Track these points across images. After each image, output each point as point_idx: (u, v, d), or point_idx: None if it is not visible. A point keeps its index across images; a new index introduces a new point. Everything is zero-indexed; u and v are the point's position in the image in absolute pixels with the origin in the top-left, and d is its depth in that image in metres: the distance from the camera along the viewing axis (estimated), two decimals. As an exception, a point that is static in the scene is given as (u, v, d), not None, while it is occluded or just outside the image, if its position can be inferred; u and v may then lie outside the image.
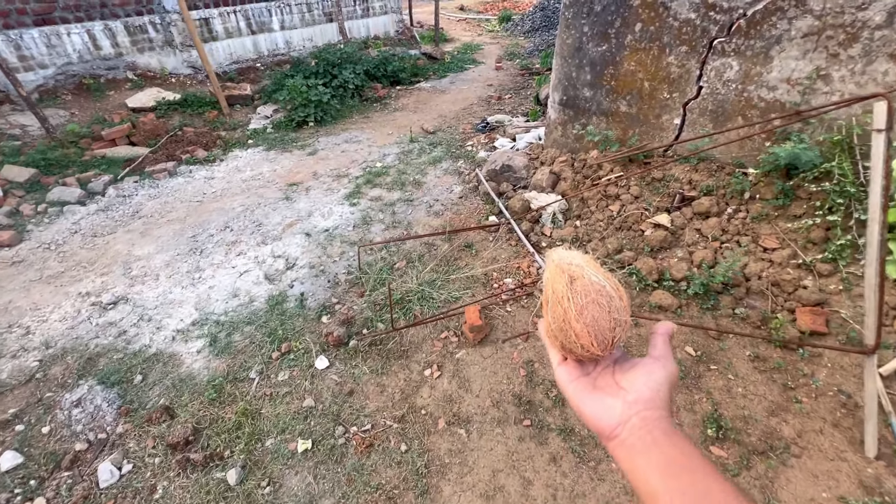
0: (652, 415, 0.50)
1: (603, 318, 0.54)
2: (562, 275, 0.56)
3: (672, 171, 3.49)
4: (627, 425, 0.50)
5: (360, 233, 3.69)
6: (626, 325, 0.55)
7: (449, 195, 4.22)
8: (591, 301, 0.54)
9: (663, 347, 0.57)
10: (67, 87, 6.36)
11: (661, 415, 0.50)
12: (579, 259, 0.58)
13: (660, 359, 0.56)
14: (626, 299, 0.56)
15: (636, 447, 0.49)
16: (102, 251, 3.55)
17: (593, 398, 0.55)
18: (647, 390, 0.52)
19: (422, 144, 5.47)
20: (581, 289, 0.54)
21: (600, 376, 0.58)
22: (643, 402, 0.51)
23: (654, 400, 0.51)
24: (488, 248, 3.36)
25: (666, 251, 3.15)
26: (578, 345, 0.55)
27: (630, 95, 3.57)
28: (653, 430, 0.49)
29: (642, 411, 0.50)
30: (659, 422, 0.49)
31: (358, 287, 3.09)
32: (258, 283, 3.18)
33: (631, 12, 3.29)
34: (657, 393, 0.52)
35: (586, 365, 0.60)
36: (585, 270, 0.56)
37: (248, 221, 3.86)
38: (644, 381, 0.53)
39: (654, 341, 0.58)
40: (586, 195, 3.63)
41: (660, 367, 0.54)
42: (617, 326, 0.54)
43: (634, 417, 0.50)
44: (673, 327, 0.60)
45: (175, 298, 3.06)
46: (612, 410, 0.52)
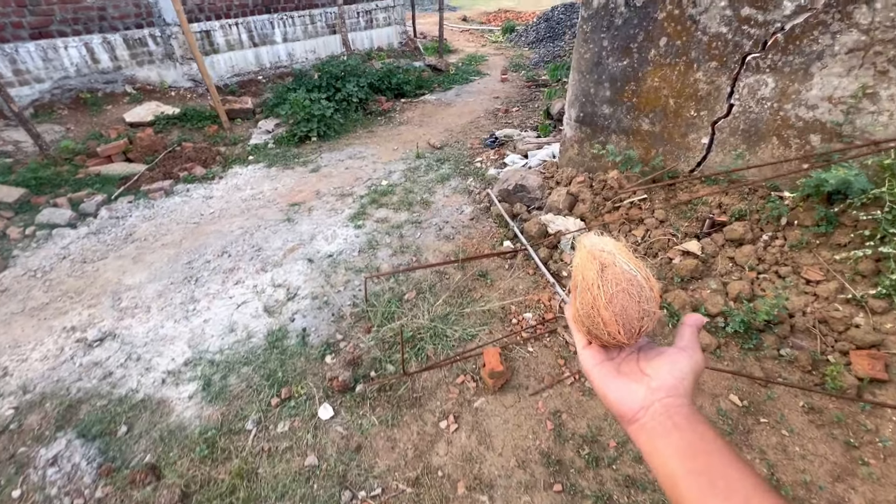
0: (674, 402, 0.50)
1: (632, 308, 0.53)
2: (593, 261, 0.56)
3: (699, 194, 3.27)
4: (650, 410, 0.51)
5: (366, 258, 3.46)
6: (654, 315, 0.54)
7: (459, 216, 4.00)
8: (621, 290, 0.53)
9: (690, 338, 0.57)
10: (64, 102, 6.19)
11: (684, 402, 0.50)
12: (611, 246, 0.57)
13: (686, 349, 0.55)
14: (657, 290, 0.55)
15: (657, 430, 0.49)
16: (91, 280, 3.32)
17: (617, 382, 0.55)
18: (671, 378, 0.52)
19: (428, 161, 5.26)
20: (612, 277, 0.54)
21: (624, 362, 0.58)
22: (666, 389, 0.51)
23: (678, 388, 0.51)
24: (504, 278, 3.13)
25: (697, 281, 2.91)
26: (605, 332, 0.55)
27: (653, 113, 3.36)
28: (674, 415, 0.49)
29: (665, 398, 0.50)
30: (681, 408, 0.49)
31: (364, 321, 2.86)
32: (257, 315, 2.95)
33: (655, 26, 3.09)
34: (681, 381, 0.52)
35: (611, 350, 0.60)
36: (617, 258, 0.55)
37: (246, 246, 3.64)
38: (668, 370, 0.53)
39: (681, 332, 0.58)
40: (607, 219, 3.40)
41: (686, 357, 0.54)
42: (645, 316, 0.54)
43: (657, 403, 0.50)
44: (702, 320, 0.60)
45: (167, 334, 2.83)
46: (635, 395, 0.53)
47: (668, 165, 3.44)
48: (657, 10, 3.04)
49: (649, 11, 3.08)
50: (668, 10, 3.00)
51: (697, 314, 0.60)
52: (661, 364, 0.54)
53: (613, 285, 0.53)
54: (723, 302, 2.67)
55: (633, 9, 3.14)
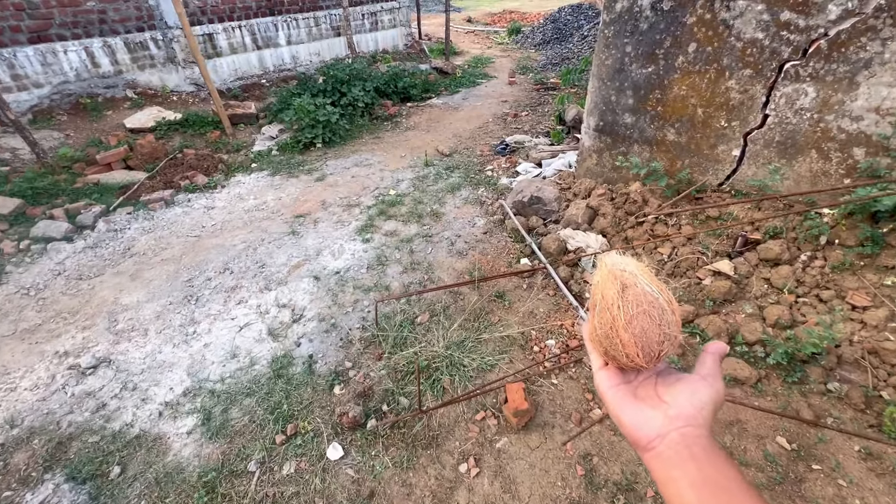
0: (693, 431, 0.48)
1: (652, 331, 0.52)
2: (614, 281, 0.54)
3: (730, 209, 3.08)
4: (666, 439, 0.49)
5: (375, 276, 3.28)
6: (675, 340, 0.53)
7: (472, 230, 3.82)
8: (641, 311, 0.52)
9: (712, 366, 0.54)
10: (63, 107, 6.04)
11: (702, 433, 0.48)
12: (633, 266, 0.55)
13: (707, 378, 0.53)
14: (678, 314, 0.53)
15: (673, 460, 0.47)
16: (87, 298, 3.16)
17: (634, 407, 0.53)
18: (691, 407, 0.50)
19: (437, 169, 5.08)
20: (633, 298, 0.52)
21: (641, 386, 0.56)
22: (684, 419, 0.49)
23: (697, 417, 0.49)
24: (523, 299, 2.94)
25: (730, 305, 2.72)
26: (623, 354, 0.53)
27: (679, 123, 3.18)
28: (692, 445, 0.47)
29: (682, 427, 0.49)
30: (699, 439, 0.48)
31: (374, 347, 2.68)
32: (260, 339, 2.78)
33: (684, 31, 2.90)
34: (700, 411, 0.50)
35: (628, 373, 0.57)
36: (639, 279, 0.54)
37: (249, 262, 3.47)
38: (687, 398, 0.51)
39: (702, 359, 0.55)
40: (630, 235, 3.22)
41: (706, 386, 0.52)
42: (665, 340, 0.52)
43: (674, 432, 0.49)
44: (725, 348, 0.57)
45: (165, 360, 2.66)
46: (652, 422, 0.51)
47: (695, 178, 3.25)
48: (686, 14, 2.86)
49: (678, 16, 2.90)
50: (698, 14, 2.82)
51: (720, 342, 0.58)
52: (680, 391, 0.52)
53: (634, 306, 0.52)
54: (761, 329, 2.48)
55: (660, 13, 2.95)
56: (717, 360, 0.55)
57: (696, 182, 3.25)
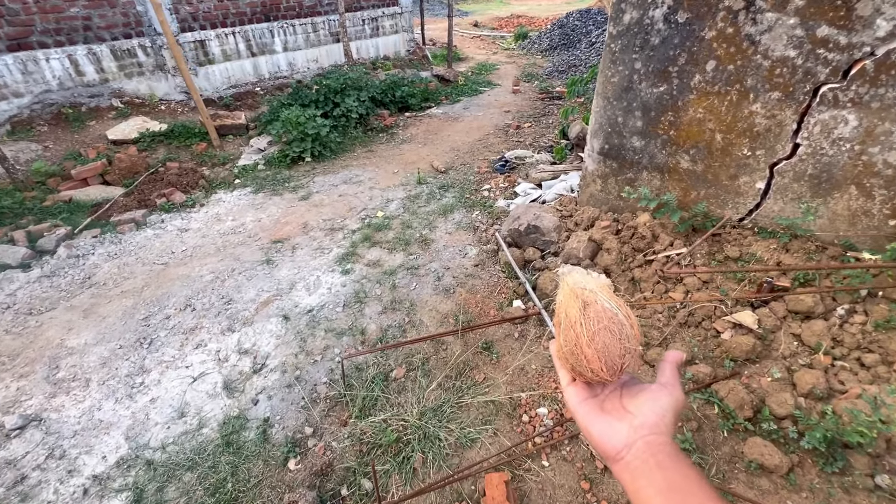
0: (656, 439, 0.50)
1: (613, 345, 0.54)
2: (576, 300, 0.56)
3: (752, 248, 2.69)
4: (632, 448, 0.51)
5: (351, 316, 2.94)
6: (635, 352, 0.55)
7: (462, 261, 3.47)
8: (602, 328, 0.54)
9: (671, 375, 0.57)
10: (44, 118, 5.80)
11: (665, 440, 0.50)
12: (593, 284, 0.57)
13: (667, 385, 0.55)
14: (637, 327, 0.56)
15: (640, 469, 0.49)
16: (31, 339, 2.86)
17: (601, 420, 0.55)
18: (653, 415, 0.52)
19: (431, 187, 4.74)
20: (594, 315, 0.54)
21: (608, 399, 0.58)
22: (648, 427, 0.51)
23: (659, 425, 0.51)
24: (514, 351, 2.58)
25: (754, 365, 2.34)
26: (589, 369, 0.55)
27: (695, 149, 2.80)
28: (656, 453, 0.49)
29: (647, 435, 0.51)
30: (663, 446, 0.49)
31: (341, 408, 2.34)
32: (214, 394, 2.45)
33: (702, 47, 2.53)
34: (662, 418, 0.52)
35: (594, 387, 0.60)
36: (599, 296, 0.56)
37: (215, 297, 3.15)
38: (650, 407, 0.53)
39: (662, 368, 0.58)
40: (638, 275, 2.85)
41: (666, 394, 0.54)
42: (627, 353, 0.54)
43: (639, 441, 0.50)
44: (681, 356, 0.60)
45: (103, 419, 2.34)
46: (619, 434, 0.52)
47: (712, 212, 2.88)
48: (705, 27, 2.49)
49: (694, 29, 2.53)
50: (718, 28, 2.45)
51: (677, 351, 0.61)
52: (642, 401, 0.54)
53: (595, 323, 0.54)
54: (791, 400, 2.09)
55: (674, 26, 2.59)
56: (674, 368, 0.58)
57: (713, 216, 2.87)
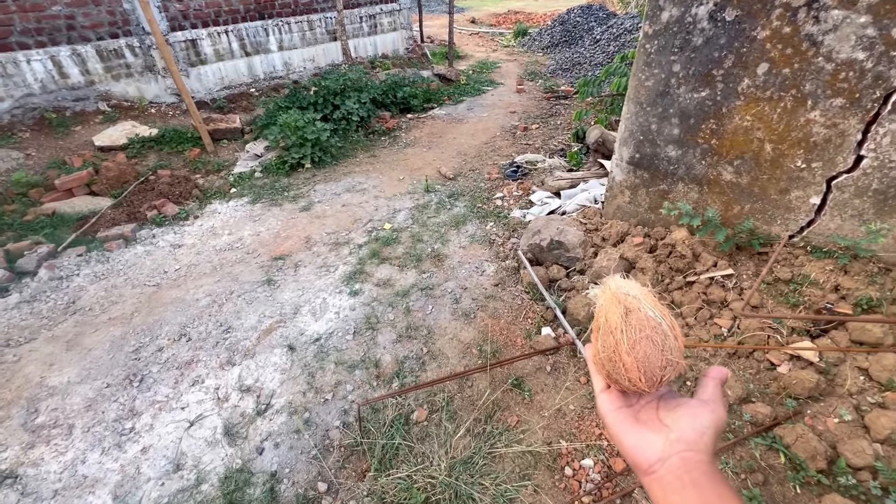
0: (693, 457, 0.48)
1: (655, 356, 0.52)
2: (618, 305, 0.54)
3: (805, 269, 2.46)
4: (667, 463, 0.49)
5: (363, 346, 2.68)
6: (677, 366, 0.52)
7: (480, 279, 3.21)
8: (644, 336, 0.52)
9: (714, 392, 0.54)
10: (26, 123, 5.47)
11: (703, 458, 0.48)
12: (637, 290, 0.55)
13: (709, 403, 0.53)
14: (681, 340, 0.53)
15: (673, 485, 0.47)
16: (8, 376, 2.57)
17: (635, 431, 0.53)
18: (692, 431, 0.50)
19: (440, 196, 4.48)
20: (636, 322, 0.52)
21: (643, 410, 0.55)
22: (686, 443, 0.49)
23: (698, 442, 0.49)
24: (548, 388, 2.33)
25: (817, 404, 2.10)
26: (626, 378, 0.53)
27: (740, 160, 2.56)
28: (692, 470, 0.47)
29: (684, 451, 0.49)
30: (699, 464, 0.47)
31: (357, 458, 2.08)
32: (213, 442, 2.18)
33: (753, 48, 2.28)
34: (701, 436, 0.50)
35: (630, 396, 0.57)
36: (642, 303, 0.54)
37: (212, 325, 2.87)
38: (689, 422, 0.51)
39: (704, 384, 0.56)
40: (677, 298, 2.60)
41: (708, 411, 0.52)
42: (668, 366, 0.52)
43: (675, 456, 0.49)
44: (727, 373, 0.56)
45: (88, 474, 2.06)
46: (653, 446, 0.51)
47: (759, 228, 2.63)
48: (757, 26, 2.24)
49: (744, 28, 2.28)
50: (773, 27, 2.19)
51: (722, 367, 0.58)
52: (681, 416, 0.52)
53: (637, 331, 0.52)
54: (869, 449, 1.86)
55: (721, 25, 2.33)
56: (718, 385, 0.55)
57: (759, 233, 2.63)
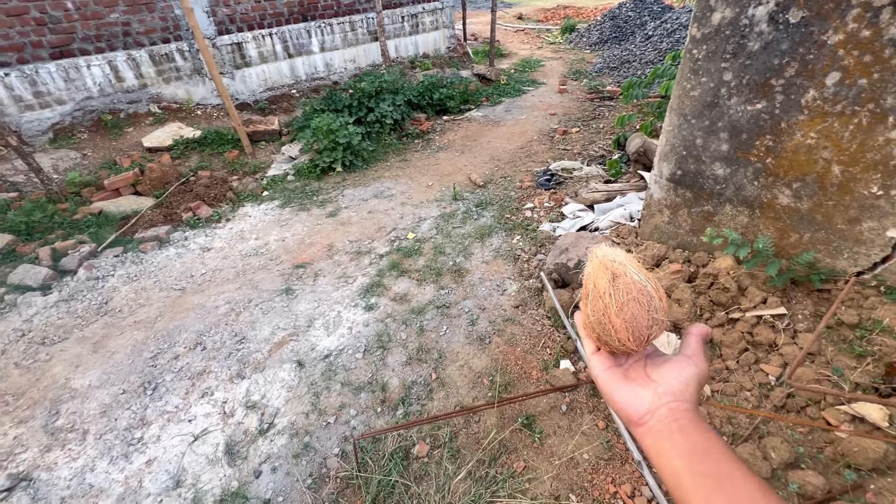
0: (680, 406, 0.51)
1: (641, 316, 0.54)
2: (605, 271, 0.57)
3: (876, 313, 2.10)
4: (656, 414, 0.52)
5: (371, 366, 2.59)
6: (662, 324, 0.55)
7: (500, 299, 3.03)
8: (631, 298, 0.54)
9: (696, 347, 0.58)
10: (85, 125, 5.83)
11: (689, 406, 0.51)
12: (622, 257, 0.58)
13: (692, 357, 0.57)
14: (665, 300, 0.56)
15: (662, 433, 0.50)
16: (38, 375, 2.70)
17: (625, 387, 0.56)
18: (678, 383, 0.53)
19: (467, 204, 4.32)
20: (623, 286, 0.55)
21: (632, 368, 0.59)
22: (672, 394, 0.52)
23: (684, 393, 0.53)
24: (561, 431, 2.13)
25: (884, 478, 1.77)
26: (616, 339, 0.56)
27: (800, 182, 2.22)
28: (679, 419, 0.50)
29: (671, 402, 0.52)
30: (686, 412, 0.51)
31: (352, 491, 1.98)
32: (213, 460, 2.16)
33: (821, 54, 1.95)
34: (686, 387, 0.53)
35: (619, 357, 0.61)
36: (628, 269, 0.57)
37: (227, 334, 2.88)
38: (675, 376, 0.54)
39: (686, 341, 0.59)
40: (717, 336, 2.31)
41: (691, 365, 0.55)
42: (654, 325, 0.55)
43: (663, 407, 0.52)
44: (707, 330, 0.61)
45: (94, 483, 2.10)
46: (643, 399, 0.54)
47: (821, 262, 2.29)
48: (828, 29, 1.91)
49: (812, 32, 1.95)
50: (848, 30, 1.86)
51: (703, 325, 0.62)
52: (667, 370, 0.56)
53: (624, 294, 0.54)
54: (950, 545, 1.53)
55: (783, 27, 2.02)
56: (699, 340, 0.58)
57: (821, 267, 2.28)
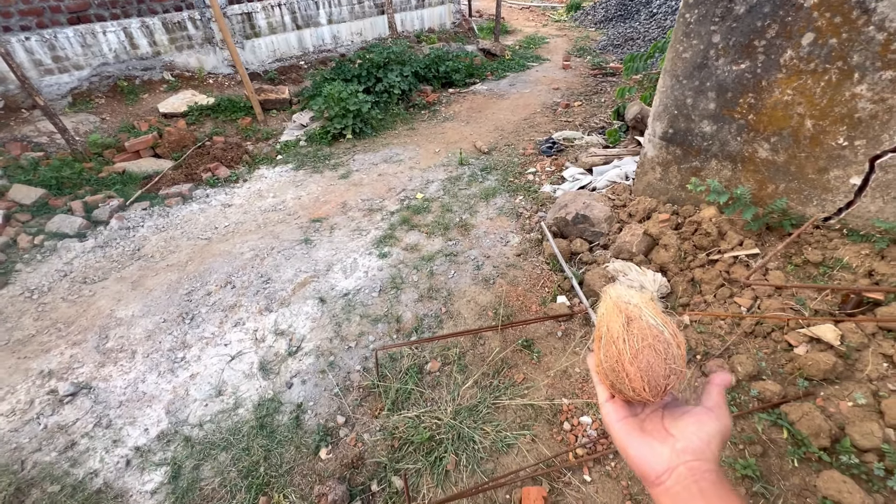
0: (701, 466, 0.48)
1: (658, 365, 0.51)
2: (619, 314, 0.54)
3: (838, 253, 2.37)
4: (674, 473, 0.48)
5: (387, 302, 2.87)
6: (681, 374, 0.52)
7: (503, 249, 3.30)
8: (647, 346, 0.52)
9: (718, 398, 0.54)
10: (102, 90, 6.01)
11: (710, 467, 0.48)
12: (638, 299, 0.56)
13: (714, 409, 0.53)
14: (684, 348, 0.53)
15: (681, 496, 0.47)
16: (84, 307, 2.98)
17: (641, 441, 0.53)
18: (698, 440, 0.50)
19: (473, 169, 4.55)
20: (638, 331, 0.52)
21: (648, 419, 0.55)
22: (692, 452, 0.49)
23: (705, 451, 0.49)
24: (556, 351, 2.43)
25: (833, 386, 2.07)
26: (630, 388, 0.53)
27: (778, 137, 2.47)
28: (700, 480, 0.47)
29: (691, 461, 0.48)
30: (707, 473, 0.47)
31: (373, 399, 2.28)
32: (250, 375, 2.46)
33: (799, 16, 2.18)
34: (707, 444, 0.49)
35: (634, 406, 0.57)
36: (644, 312, 0.54)
37: (254, 275, 3.16)
38: (695, 431, 0.51)
39: (708, 391, 0.55)
40: (698, 276, 2.59)
41: (713, 419, 0.52)
42: (671, 374, 0.52)
43: (682, 466, 0.48)
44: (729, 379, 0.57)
45: (146, 392, 2.40)
46: (660, 456, 0.50)
47: (793, 209, 2.55)
48: (804, -7, 2.13)
49: (791, -5, 2.17)
50: (822, -7, 2.08)
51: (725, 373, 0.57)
52: (686, 424, 0.52)
53: (639, 340, 0.52)
54: (879, 432, 1.83)
55: (766, -8, 2.23)
56: (721, 391, 0.55)
57: (792, 214, 2.54)
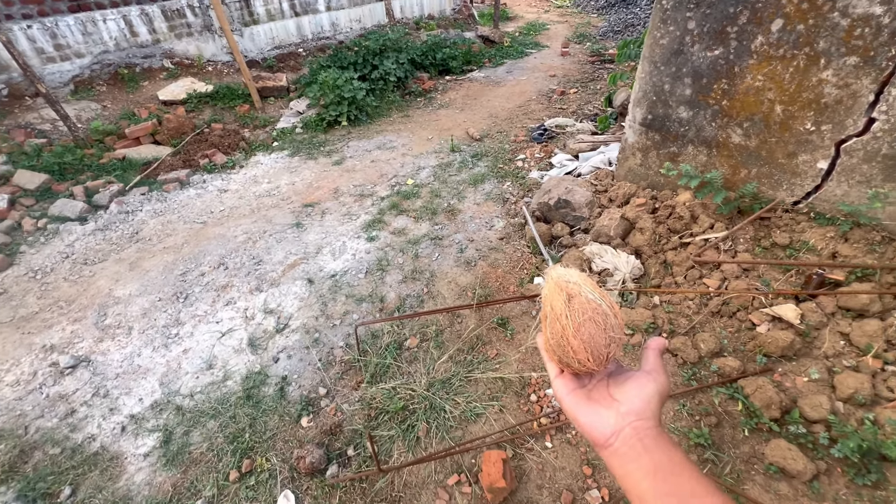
0: (643, 424, 0.53)
1: (599, 336, 0.56)
2: (560, 293, 0.58)
3: (805, 236, 2.44)
4: (620, 435, 0.53)
5: (372, 283, 2.98)
6: (620, 341, 0.57)
7: (487, 233, 3.39)
8: (587, 318, 0.56)
9: (655, 362, 0.59)
10: (103, 78, 6.11)
11: (651, 424, 0.53)
12: (577, 277, 0.60)
13: (651, 372, 0.58)
14: (621, 317, 0.58)
15: (628, 455, 0.52)
16: (85, 286, 3.12)
17: (589, 409, 0.57)
18: (639, 402, 0.55)
19: (464, 155, 4.62)
20: (578, 307, 0.56)
21: (595, 388, 0.60)
22: (635, 413, 0.54)
23: (645, 411, 0.54)
24: (529, 329, 2.53)
25: (790, 363, 2.16)
26: (575, 360, 0.57)
27: (749, 122, 2.52)
28: (643, 438, 0.52)
29: (634, 421, 0.53)
30: (649, 430, 0.52)
31: (354, 372, 2.41)
32: (239, 350, 2.59)
33: (768, 2, 2.22)
34: (648, 404, 0.54)
35: (582, 377, 0.62)
36: (583, 288, 0.58)
37: (246, 257, 3.28)
38: (636, 394, 0.56)
39: (646, 356, 0.61)
40: (671, 258, 2.67)
41: (651, 381, 0.57)
42: (612, 343, 0.56)
43: (627, 427, 0.53)
44: (664, 343, 0.62)
45: (141, 365, 2.54)
46: (607, 421, 0.55)
47: (764, 193, 2.61)
48: (773, -21, 2.17)
49: (761, -18, 2.21)
50: (790, -20, 2.12)
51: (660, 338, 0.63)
52: (628, 388, 0.57)
53: (580, 314, 0.56)
54: (828, 404, 1.92)
55: (737, -22, 2.27)
56: (658, 354, 0.60)
57: (763, 198, 2.61)
